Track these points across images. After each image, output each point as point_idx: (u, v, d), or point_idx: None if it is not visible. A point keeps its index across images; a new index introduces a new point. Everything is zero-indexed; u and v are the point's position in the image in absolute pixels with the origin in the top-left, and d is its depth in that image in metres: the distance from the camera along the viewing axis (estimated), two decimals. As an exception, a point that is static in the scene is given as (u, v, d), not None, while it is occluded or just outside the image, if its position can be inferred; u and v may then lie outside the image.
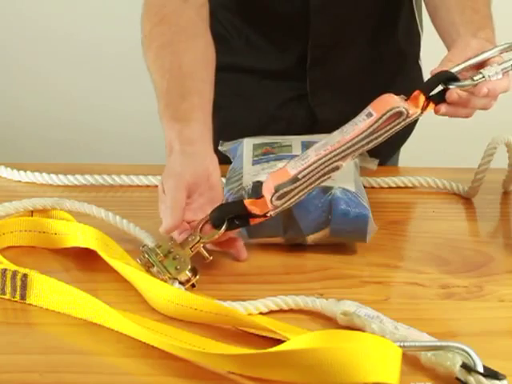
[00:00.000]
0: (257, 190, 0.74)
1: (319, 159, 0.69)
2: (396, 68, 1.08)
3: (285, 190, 0.69)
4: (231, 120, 1.02)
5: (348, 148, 0.69)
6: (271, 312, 0.67)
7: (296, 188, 0.70)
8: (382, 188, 0.93)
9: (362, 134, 0.69)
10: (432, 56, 0.85)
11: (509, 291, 0.71)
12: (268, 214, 0.71)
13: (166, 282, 0.69)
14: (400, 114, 0.68)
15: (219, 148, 0.90)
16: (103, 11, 1.88)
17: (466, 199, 0.90)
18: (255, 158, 0.82)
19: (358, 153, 0.70)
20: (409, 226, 0.87)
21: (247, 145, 0.86)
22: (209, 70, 0.85)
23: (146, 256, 0.71)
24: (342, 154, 0.69)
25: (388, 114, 0.68)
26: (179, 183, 0.73)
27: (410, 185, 0.93)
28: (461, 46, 0.75)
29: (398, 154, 1.17)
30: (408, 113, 0.69)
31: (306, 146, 0.82)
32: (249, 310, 0.67)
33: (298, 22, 0.99)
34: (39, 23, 1.90)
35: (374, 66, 1.06)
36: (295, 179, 0.69)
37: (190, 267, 0.70)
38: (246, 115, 1.07)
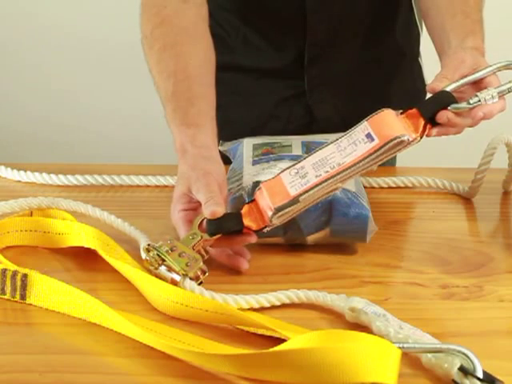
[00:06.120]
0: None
1: (321, 182, 0.70)
2: (395, 66, 1.09)
3: (285, 210, 0.71)
4: (229, 119, 1.03)
5: (348, 172, 0.70)
6: (279, 307, 0.68)
7: (296, 208, 0.71)
8: (381, 188, 0.93)
9: (363, 160, 0.69)
10: (432, 54, 0.85)
11: (509, 291, 0.71)
12: (264, 230, 0.72)
13: (175, 282, 0.69)
14: (402, 142, 0.69)
15: (219, 148, 0.90)
16: (103, 12, 1.88)
17: (466, 199, 0.90)
18: (255, 158, 0.82)
19: (356, 175, 0.72)
20: (409, 226, 0.87)
21: (247, 145, 0.86)
22: (211, 74, 0.85)
23: (155, 252, 0.70)
24: (343, 178, 0.70)
25: (391, 143, 0.69)
26: (211, 178, 0.74)
27: (409, 185, 0.93)
28: (455, 62, 0.75)
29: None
30: (409, 141, 0.69)
31: (305, 146, 0.83)
32: (261, 302, 0.67)
33: (295, 20, 0.99)
34: (39, 24, 1.91)
35: (372, 64, 1.06)
36: (296, 201, 0.71)
37: (201, 264, 0.70)
38: (244, 114, 1.07)
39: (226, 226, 0.72)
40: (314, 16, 0.99)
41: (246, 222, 0.72)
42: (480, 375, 0.56)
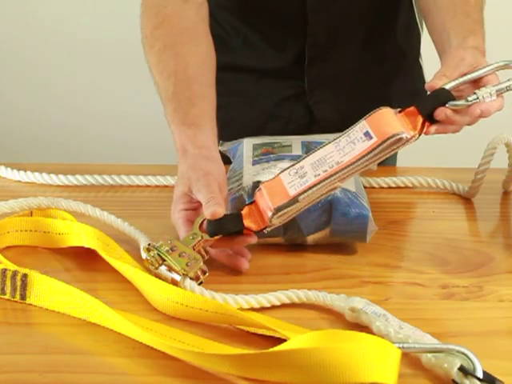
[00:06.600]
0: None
1: (319, 182, 0.70)
2: (395, 66, 1.09)
3: (285, 210, 0.71)
4: (230, 119, 1.03)
5: (347, 171, 0.70)
6: (279, 307, 0.68)
7: (295, 207, 0.71)
8: (381, 188, 0.93)
9: (361, 158, 0.69)
10: (433, 54, 0.85)
11: (509, 291, 0.71)
12: (265, 231, 0.72)
13: (175, 282, 0.69)
14: (400, 139, 0.69)
15: (219, 148, 0.90)
16: (103, 11, 1.88)
17: (466, 199, 0.91)
18: (255, 158, 0.82)
19: (356, 174, 0.71)
20: (409, 226, 0.87)
21: (247, 145, 0.86)
22: (212, 74, 0.85)
23: (156, 251, 0.70)
24: (342, 177, 0.70)
25: (389, 141, 0.69)
26: (211, 178, 0.74)
27: (409, 185, 0.93)
28: (454, 60, 0.75)
29: (397, 152, 1.17)
30: (407, 138, 0.69)
31: (305, 146, 0.83)
32: (261, 303, 0.67)
33: (295, 20, 0.99)
34: (39, 24, 1.91)
35: (372, 65, 1.06)
36: (295, 200, 0.71)
37: (201, 264, 0.70)
38: (245, 114, 1.07)
39: (227, 227, 0.72)
40: (314, 16, 0.99)
41: (247, 223, 0.72)
42: (480, 375, 0.56)
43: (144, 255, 0.72)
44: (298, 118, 1.06)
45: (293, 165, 0.73)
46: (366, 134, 0.70)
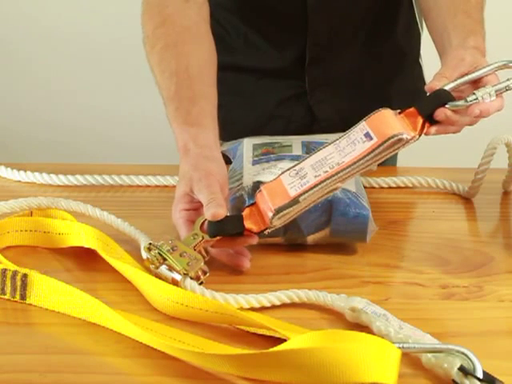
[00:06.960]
0: (257, 190, 0.75)
1: (320, 182, 0.70)
2: (395, 66, 1.09)
3: (285, 211, 0.71)
4: (230, 119, 1.03)
5: (348, 172, 0.70)
6: (280, 307, 0.68)
7: (296, 208, 0.71)
8: (382, 188, 0.93)
9: (362, 159, 0.69)
10: (432, 55, 0.85)
11: (509, 291, 0.71)
12: (265, 232, 0.72)
13: (175, 282, 0.69)
14: (400, 140, 0.69)
15: (219, 148, 0.91)
16: (103, 11, 1.88)
17: (466, 199, 0.91)
18: (255, 158, 0.82)
19: (356, 175, 0.71)
20: (409, 226, 0.87)
21: (247, 145, 0.86)
22: (213, 73, 0.85)
23: (157, 251, 0.70)
24: (343, 177, 0.70)
25: (389, 142, 0.69)
26: (213, 179, 0.74)
27: (410, 185, 0.93)
28: (454, 61, 0.75)
29: (397, 153, 1.17)
30: (408, 139, 0.69)
31: (306, 146, 0.83)
32: (262, 302, 0.67)
33: (296, 20, 1.00)
34: (39, 24, 1.91)
35: (372, 65, 1.06)
36: (296, 201, 0.70)
37: (202, 264, 0.70)
38: (245, 114, 1.07)
39: (227, 229, 0.72)
40: (315, 16, 0.99)
41: (247, 224, 0.72)
42: (480, 375, 0.56)
43: (145, 254, 0.72)
44: (299, 118, 1.06)
45: (293, 166, 0.73)
46: (367, 134, 0.70)
